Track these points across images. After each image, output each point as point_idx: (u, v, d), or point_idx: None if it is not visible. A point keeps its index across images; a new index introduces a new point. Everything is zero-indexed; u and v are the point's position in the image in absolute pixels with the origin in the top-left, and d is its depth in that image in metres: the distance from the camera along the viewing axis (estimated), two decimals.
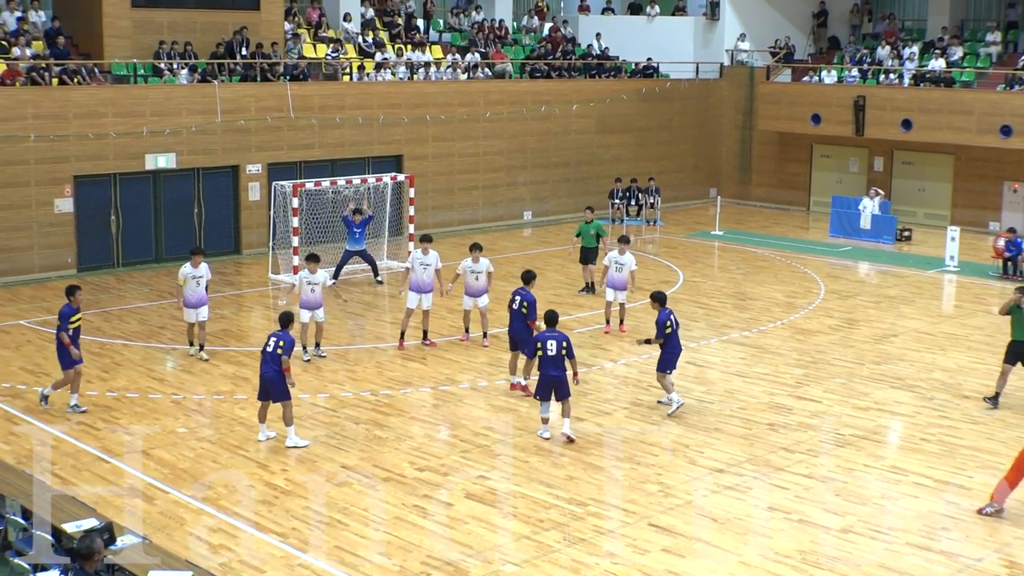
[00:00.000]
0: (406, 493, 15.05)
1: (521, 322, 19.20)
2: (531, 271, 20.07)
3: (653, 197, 37.54)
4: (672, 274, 29.35)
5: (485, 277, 21.83)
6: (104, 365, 20.78)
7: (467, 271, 21.82)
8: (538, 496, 14.98)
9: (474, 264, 21.78)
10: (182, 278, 20.94)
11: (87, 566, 10.17)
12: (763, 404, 18.96)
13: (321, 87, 32.75)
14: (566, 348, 16.82)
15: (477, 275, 21.79)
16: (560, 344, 16.79)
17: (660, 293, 18.60)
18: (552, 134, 37.66)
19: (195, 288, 20.94)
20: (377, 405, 18.70)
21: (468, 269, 21.80)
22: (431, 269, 22.00)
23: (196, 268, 21.00)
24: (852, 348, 22.59)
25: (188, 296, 20.94)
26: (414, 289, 21.83)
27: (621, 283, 22.83)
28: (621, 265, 22.72)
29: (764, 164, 41.70)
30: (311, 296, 20.88)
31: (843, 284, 28.76)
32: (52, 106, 27.96)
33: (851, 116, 37.73)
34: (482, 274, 21.80)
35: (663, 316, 18.08)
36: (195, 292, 20.95)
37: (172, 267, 29.23)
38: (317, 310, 21.04)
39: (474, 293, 21.93)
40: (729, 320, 24.73)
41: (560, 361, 16.82)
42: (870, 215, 34.72)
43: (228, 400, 18.90)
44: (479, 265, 21.78)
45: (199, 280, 21.01)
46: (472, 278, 21.81)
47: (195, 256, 21.12)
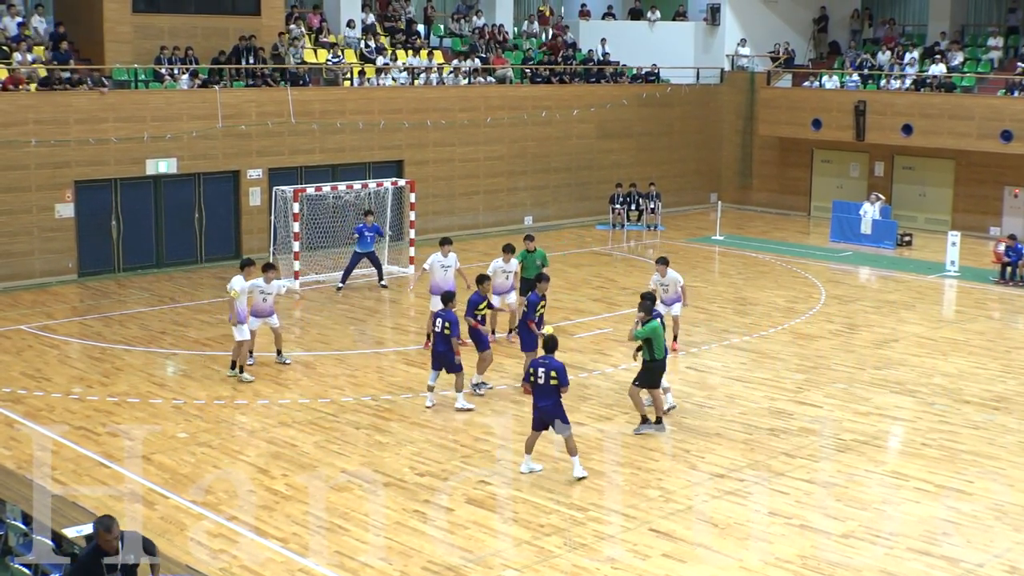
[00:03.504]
0: (407, 498, 15.04)
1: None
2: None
3: (654, 202, 37.53)
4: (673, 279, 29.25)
5: (513, 276, 22.53)
6: (105, 370, 20.77)
7: (498, 271, 22.21)
8: (539, 501, 14.96)
9: (505, 264, 22.33)
10: (236, 291, 20.05)
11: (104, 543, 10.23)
12: (764, 409, 18.94)
13: (322, 92, 32.76)
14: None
15: (508, 274, 22.29)
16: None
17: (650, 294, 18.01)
18: (553, 139, 37.66)
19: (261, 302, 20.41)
20: (378, 410, 18.69)
21: (499, 268, 22.26)
22: (451, 270, 22.26)
23: (269, 284, 20.50)
24: (853, 353, 22.58)
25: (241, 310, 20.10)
26: (436, 292, 21.85)
27: (673, 299, 21.93)
28: (666, 286, 21.80)
29: (765, 169, 41.69)
30: (263, 305, 20.54)
31: (844, 289, 28.75)
32: (53, 111, 27.98)
33: (852, 121, 37.73)
34: (511, 273, 22.38)
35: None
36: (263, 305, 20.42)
37: (173, 272, 29.37)
38: (269, 317, 20.79)
39: (500, 291, 22.31)
40: (730, 325, 24.72)
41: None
42: (871, 220, 34.69)
43: (229, 405, 18.89)
44: (510, 265, 22.38)
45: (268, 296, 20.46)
46: (502, 277, 22.26)
47: (247, 268, 20.41)
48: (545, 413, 15.66)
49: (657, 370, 17.51)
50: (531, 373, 15.79)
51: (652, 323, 17.37)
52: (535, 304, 19.60)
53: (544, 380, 15.56)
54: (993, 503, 15.14)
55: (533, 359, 16.76)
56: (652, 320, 17.42)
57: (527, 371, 16.56)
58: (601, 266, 31.34)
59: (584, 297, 27.16)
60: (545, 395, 15.63)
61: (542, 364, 15.68)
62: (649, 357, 17.40)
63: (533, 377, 15.72)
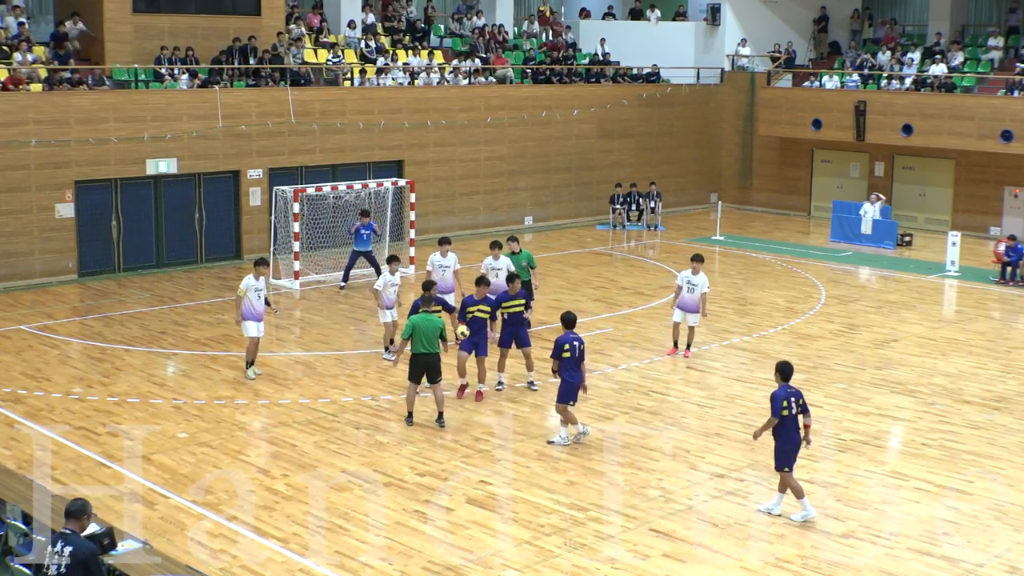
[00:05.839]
0: (407, 498, 15.04)
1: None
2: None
3: (654, 202, 37.53)
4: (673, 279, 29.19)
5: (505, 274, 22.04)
6: (105, 370, 20.78)
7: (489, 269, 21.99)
8: (539, 501, 14.97)
9: (494, 262, 22.11)
10: (244, 289, 20.08)
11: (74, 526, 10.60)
12: (764, 409, 18.74)
13: (322, 92, 32.76)
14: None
15: (497, 271, 21.96)
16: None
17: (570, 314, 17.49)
18: (553, 139, 37.66)
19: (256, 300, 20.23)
20: (378, 410, 18.69)
21: (490, 267, 22.07)
22: (450, 271, 22.19)
23: (258, 280, 20.23)
24: (853, 353, 22.58)
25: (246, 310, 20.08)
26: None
27: (692, 305, 21.75)
28: (694, 286, 21.64)
29: (765, 169, 41.69)
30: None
31: (844, 289, 28.76)
32: (53, 111, 27.98)
33: (852, 121, 37.73)
34: (500, 271, 21.95)
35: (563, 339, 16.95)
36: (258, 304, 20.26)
37: (173, 272, 29.36)
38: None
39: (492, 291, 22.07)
40: (730, 325, 24.72)
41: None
42: (871, 220, 34.69)
43: (229, 405, 18.89)
44: (499, 263, 22.09)
45: (261, 293, 20.25)
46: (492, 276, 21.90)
47: (258, 268, 20.32)
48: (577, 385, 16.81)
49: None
50: (563, 349, 16.74)
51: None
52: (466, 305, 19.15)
53: (576, 353, 16.77)
54: (993, 503, 15.15)
55: (563, 335, 16.98)
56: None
57: (557, 348, 16.85)
58: (601, 266, 31.34)
59: (584, 297, 27.16)
60: (576, 367, 16.79)
61: (573, 338, 16.82)
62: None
63: (567, 352, 16.73)
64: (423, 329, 17.49)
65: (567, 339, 16.87)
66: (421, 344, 17.52)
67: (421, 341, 17.51)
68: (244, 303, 20.13)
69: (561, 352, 16.81)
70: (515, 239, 23.35)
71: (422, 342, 17.51)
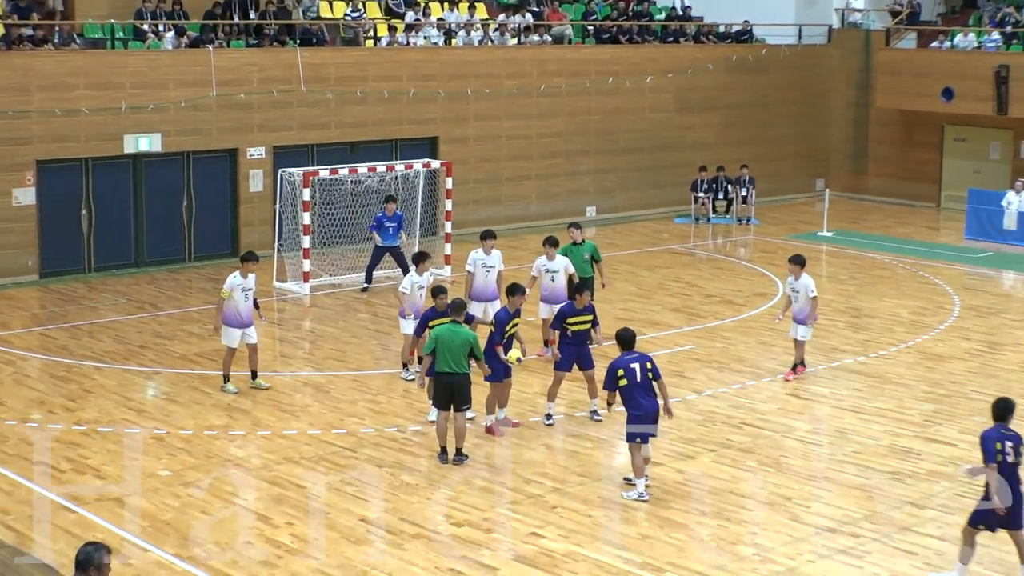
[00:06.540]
0: (439, 554, 14.96)
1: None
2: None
3: (746, 190, 37.43)
4: (769, 285, 29.18)
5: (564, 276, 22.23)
6: (71, 392, 20.85)
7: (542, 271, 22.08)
8: (603, 559, 14.84)
9: (549, 263, 22.13)
10: (228, 290, 20.30)
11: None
12: (884, 447, 18.76)
13: (339, 54, 32.85)
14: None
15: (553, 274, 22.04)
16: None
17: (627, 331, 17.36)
18: (621, 112, 37.62)
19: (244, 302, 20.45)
20: (405, 444, 18.64)
21: (543, 268, 22.12)
22: (494, 272, 22.10)
23: (246, 279, 20.46)
24: (995, 378, 22.38)
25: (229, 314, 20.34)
26: (475, 298, 21.74)
27: (799, 314, 21.80)
28: (796, 293, 21.72)
29: (883, 150, 41.57)
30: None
31: (983, 298, 28.61)
32: (11, 76, 28.15)
33: (992, 90, 37.46)
34: (557, 273, 22.04)
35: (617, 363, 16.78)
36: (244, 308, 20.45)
37: (155, 273, 29.48)
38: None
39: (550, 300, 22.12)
40: (841, 343, 24.59)
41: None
42: (1015, 213, 34.48)
43: (222, 436, 18.90)
44: (555, 263, 22.12)
45: (248, 294, 20.48)
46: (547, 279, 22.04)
47: (246, 264, 20.57)
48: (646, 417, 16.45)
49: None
50: (618, 376, 16.44)
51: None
52: (504, 323, 19.02)
53: (641, 377, 16.47)
54: None
55: (616, 359, 16.78)
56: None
57: (610, 377, 16.64)
58: (681, 268, 31.33)
59: (660, 306, 27.12)
60: (643, 394, 16.50)
61: (630, 361, 16.55)
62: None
63: (623, 380, 16.40)
64: (448, 343, 17.37)
65: (621, 364, 16.56)
66: (445, 362, 17.41)
67: (445, 358, 17.39)
68: (228, 306, 20.21)
69: (616, 381, 16.54)
70: (577, 226, 23.51)
71: (447, 359, 17.39)
